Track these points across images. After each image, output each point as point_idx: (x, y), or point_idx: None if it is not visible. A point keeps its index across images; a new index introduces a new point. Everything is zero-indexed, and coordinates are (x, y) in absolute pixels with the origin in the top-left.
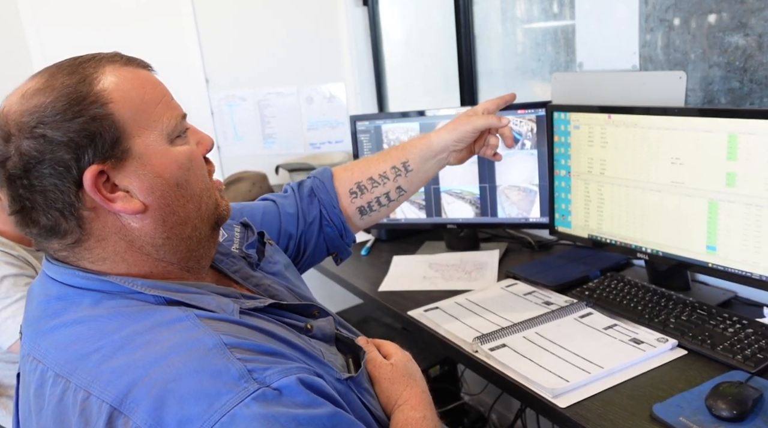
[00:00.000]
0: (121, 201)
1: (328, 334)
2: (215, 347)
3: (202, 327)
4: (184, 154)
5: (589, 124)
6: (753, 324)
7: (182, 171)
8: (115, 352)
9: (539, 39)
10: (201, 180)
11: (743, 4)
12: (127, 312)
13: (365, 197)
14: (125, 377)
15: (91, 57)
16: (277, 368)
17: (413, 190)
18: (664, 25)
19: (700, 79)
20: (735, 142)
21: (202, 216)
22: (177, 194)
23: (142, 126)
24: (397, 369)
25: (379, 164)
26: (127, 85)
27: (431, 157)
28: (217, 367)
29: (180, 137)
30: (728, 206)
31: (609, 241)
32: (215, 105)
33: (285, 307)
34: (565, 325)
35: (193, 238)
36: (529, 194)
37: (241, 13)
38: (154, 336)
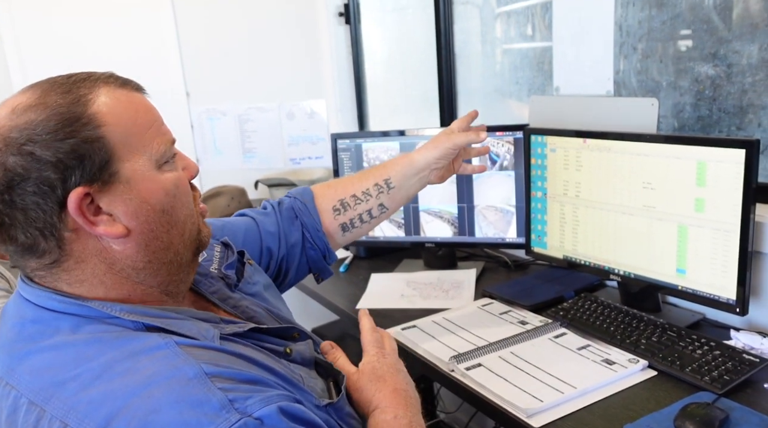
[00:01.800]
0: (104, 224)
1: (307, 358)
2: (196, 377)
3: (182, 356)
4: (171, 181)
5: (565, 147)
6: (720, 346)
7: (168, 197)
8: (92, 381)
9: (518, 62)
10: (186, 206)
11: (713, 35)
12: (106, 339)
13: (348, 214)
14: (104, 408)
15: (86, 76)
16: (258, 397)
17: (395, 208)
18: (637, 53)
19: (672, 106)
20: (704, 169)
21: (185, 243)
22: (162, 220)
23: (132, 150)
24: (363, 375)
25: (362, 181)
26: (121, 108)
27: (413, 175)
28: (198, 397)
29: (168, 163)
30: (697, 231)
31: (583, 262)
32: (195, 119)
33: (265, 331)
34: (540, 345)
35: (174, 263)
36: (506, 215)
37: (223, 27)
38: (133, 365)
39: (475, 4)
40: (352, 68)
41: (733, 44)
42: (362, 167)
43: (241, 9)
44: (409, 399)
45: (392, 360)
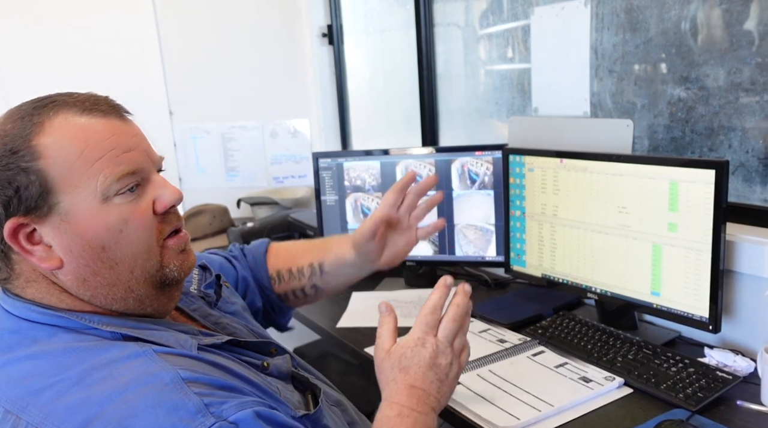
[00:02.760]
0: (39, 254)
1: (284, 372)
2: (172, 382)
3: (159, 362)
4: (117, 216)
5: (543, 167)
6: (695, 363)
7: (110, 234)
8: (69, 388)
9: (498, 83)
10: (136, 243)
11: (685, 59)
12: (83, 347)
13: (283, 286)
14: (80, 414)
15: (50, 101)
16: (234, 401)
17: (332, 290)
18: (612, 76)
19: (646, 128)
20: (676, 189)
21: (137, 279)
22: (101, 256)
23: (72, 184)
24: (388, 358)
25: (303, 257)
26: (67, 140)
27: (346, 265)
28: (174, 402)
29: (123, 195)
30: (671, 250)
31: (561, 281)
32: (178, 137)
33: (242, 344)
34: (518, 363)
35: (129, 300)
36: (485, 233)
37: (207, 46)
38: (110, 372)
39: (457, 25)
40: (335, 88)
41: (704, 68)
42: (343, 187)
43: (224, 28)
44: (424, 397)
45: (431, 352)
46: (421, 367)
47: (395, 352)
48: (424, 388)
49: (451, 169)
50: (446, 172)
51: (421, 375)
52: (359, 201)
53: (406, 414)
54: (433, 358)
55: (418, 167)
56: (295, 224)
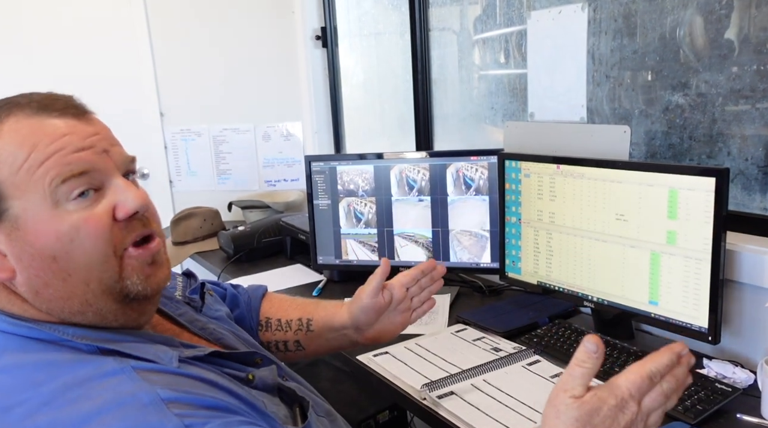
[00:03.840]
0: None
1: (269, 384)
2: (151, 403)
3: (138, 382)
4: (68, 223)
5: (539, 172)
6: (693, 375)
7: (61, 243)
8: (40, 407)
9: (493, 87)
10: (90, 252)
11: (683, 65)
12: (58, 362)
13: (267, 335)
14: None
15: (5, 102)
16: (217, 422)
17: (312, 352)
18: (609, 81)
19: (644, 134)
20: (675, 197)
21: (93, 292)
22: (52, 267)
23: (21, 188)
24: (575, 407)
25: (294, 310)
26: (15, 144)
27: (333, 330)
28: (152, 424)
29: (75, 200)
30: (669, 258)
31: (557, 288)
32: (169, 139)
33: (226, 356)
34: (513, 373)
35: (88, 313)
36: (480, 239)
37: (199, 48)
38: (86, 392)
39: (453, 30)
40: (328, 91)
41: (703, 74)
42: (336, 191)
43: (217, 29)
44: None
45: (628, 421)
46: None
47: (588, 404)
48: None
49: (446, 173)
50: (441, 176)
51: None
52: (352, 205)
53: None
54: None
55: (412, 172)
56: (287, 228)
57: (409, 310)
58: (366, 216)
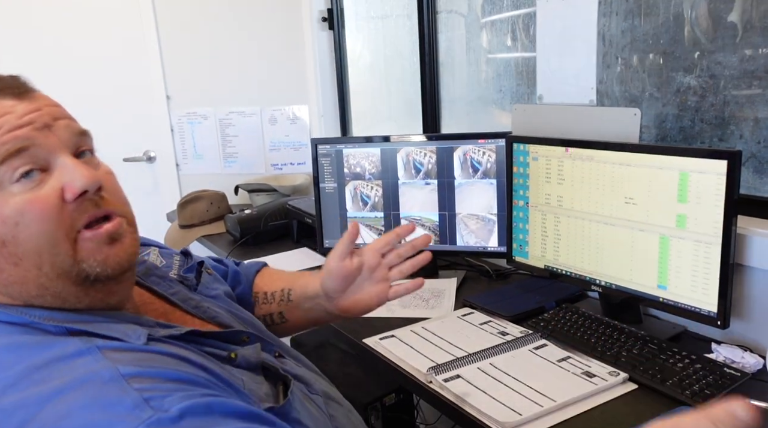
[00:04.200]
0: None
1: (252, 362)
2: (111, 379)
3: (101, 361)
4: (13, 207)
5: (548, 156)
6: (701, 359)
7: (6, 227)
8: (6, 389)
9: (501, 70)
10: (38, 236)
11: (696, 46)
12: (26, 344)
13: (258, 309)
14: (16, 417)
15: None
16: (179, 395)
17: (294, 323)
18: (620, 63)
19: (654, 117)
20: (686, 180)
21: (47, 276)
22: (3, 252)
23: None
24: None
25: (278, 282)
26: None
27: (308, 299)
28: (110, 399)
29: (20, 182)
30: (679, 242)
31: (564, 273)
32: (175, 122)
33: (207, 335)
34: (520, 357)
35: (46, 297)
36: (487, 223)
37: (205, 30)
38: (50, 373)
39: (460, 13)
40: (335, 74)
41: (716, 55)
42: (343, 174)
43: (222, 12)
44: None
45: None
46: None
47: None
48: None
49: (453, 157)
50: (448, 160)
51: None
52: (359, 188)
53: None
54: None
55: (419, 155)
56: (294, 211)
57: (387, 281)
58: (372, 199)
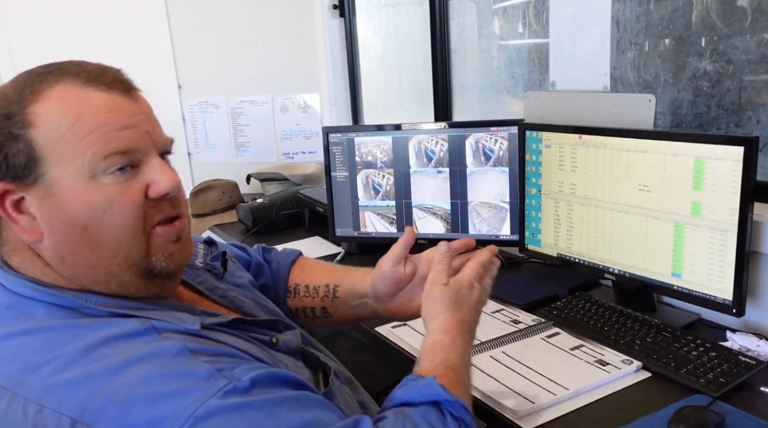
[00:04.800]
0: (23, 223)
1: (293, 348)
2: (179, 353)
3: (163, 340)
4: (102, 195)
5: (561, 143)
6: (716, 347)
7: (93, 213)
8: (68, 364)
9: (514, 57)
10: (120, 226)
11: (712, 30)
12: (81, 324)
13: (295, 301)
14: (84, 388)
15: (56, 68)
16: (245, 366)
17: (339, 318)
18: (635, 49)
19: (669, 103)
20: (701, 167)
21: (119, 265)
22: (82, 236)
23: (60, 156)
24: (447, 290)
25: (323, 276)
26: (61, 112)
27: (356, 297)
28: (184, 369)
29: (112, 174)
30: (694, 230)
31: (578, 261)
32: (187, 111)
33: (249, 323)
34: (532, 345)
35: (111, 284)
36: (499, 211)
37: (216, 19)
38: (111, 350)
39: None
40: (346, 62)
41: (732, 40)
42: (354, 162)
43: (234, 1)
44: (469, 333)
45: (477, 297)
46: (471, 306)
47: (453, 288)
48: (470, 324)
49: (465, 145)
50: (460, 148)
51: (470, 312)
52: (370, 177)
53: (459, 342)
54: (477, 302)
55: (430, 143)
56: (305, 200)
57: None
58: (384, 188)
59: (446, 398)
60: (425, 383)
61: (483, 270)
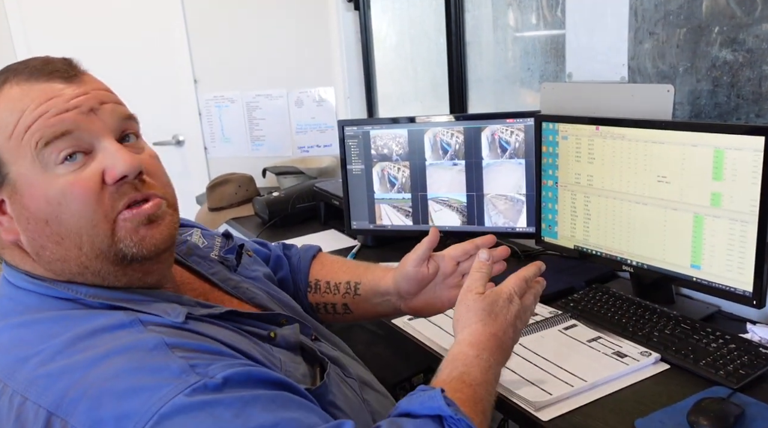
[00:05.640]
0: (5, 224)
1: (291, 343)
2: (156, 347)
3: (144, 332)
4: (56, 187)
5: (577, 135)
6: (736, 339)
7: (51, 207)
8: (53, 356)
9: (529, 48)
10: (78, 216)
11: (732, 19)
12: (72, 316)
13: (316, 297)
14: (62, 380)
15: (5, 70)
16: (221, 363)
17: (360, 315)
18: (653, 38)
19: (688, 93)
20: (721, 157)
21: (87, 256)
22: (46, 230)
23: (14, 153)
24: (482, 300)
25: (344, 272)
26: (7, 110)
27: (378, 295)
28: (158, 364)
29: (64, 164)
30: (713, 221)
31: (595, 253)
32: (203, 106)
33: (247, 316)
34: (549, 337)
35: (86, 275)
36: (516, 204)
37: (231, 14)
38: (95, 341)
39: None
40: (361, 55)
41: (753, 28)
42: (370, 155)
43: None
44: (500, 349)
45: (515, 312)
46: (507, 321)
47: (489, 298)
48: (503, 340)
49: (480, 137)
50: (476, 140)
51: (504, 327)
52: (386, 170)
53: (485, 357)
54: (515, 317)
55: (446, 135)
56: (321, 193)
57: (459, 287)
58: (400, 180)
59: (450, 414)
60: (430, 395)
61: (525, 284)
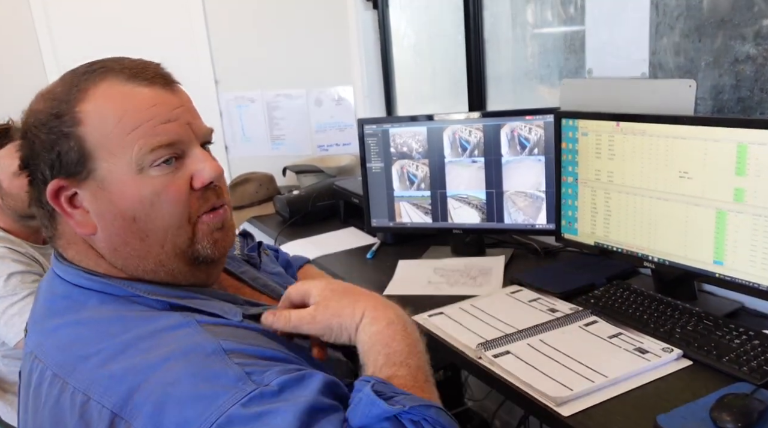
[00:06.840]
0: (77, 218)
1: None
2: (214, 352)
3: (203, 333)
4: (150, 188)
5: (597, 131)
6: (759, 335)
7: (142, 205)
8: (115, 356)
9: (549, 45)
10: (168, 216)
11: (755, 12)
12: (130, 317)
13: None
14: (125, 382)
15: (99, 66)
16: (276, 369)
17: None
18: (674, 33)
19: (710, 88)
20: (744, 152)
21: (167, 254)
22: (132, 227)
23: (110, 152)
24: (324, 301)
25: None
26: (107, 109)
27: None
28: (215, 371)
29: (158, 166)
30: (736, 216)
31: (615, 249)
32: (224, 106)
33: None
34: (570, 333)
35: (160, 272)
36: (535, 200)
37: (251, 15)
38: (156, 342)
39: None
40: (379, 54)
41: None
42: (389, 153)
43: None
44: (394, 308)
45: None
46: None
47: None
48: (382, 300)
49: (500, 134)
50: (495, 137)
51: (367, 292)
52: (405, 168)
53: (395, 320)
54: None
55: (465, 133)
56: (341, 192)
57: None
58: (419, 178)
59: (397, 412)
60: (367, 401)
61: None
